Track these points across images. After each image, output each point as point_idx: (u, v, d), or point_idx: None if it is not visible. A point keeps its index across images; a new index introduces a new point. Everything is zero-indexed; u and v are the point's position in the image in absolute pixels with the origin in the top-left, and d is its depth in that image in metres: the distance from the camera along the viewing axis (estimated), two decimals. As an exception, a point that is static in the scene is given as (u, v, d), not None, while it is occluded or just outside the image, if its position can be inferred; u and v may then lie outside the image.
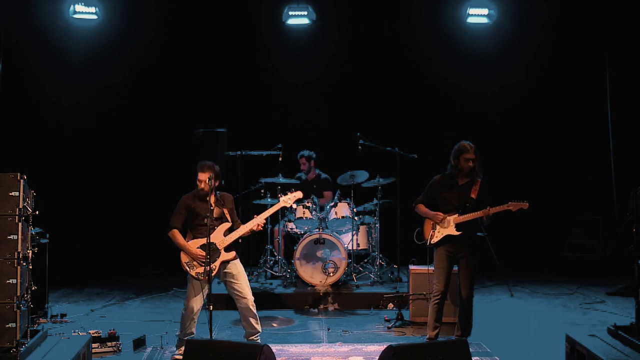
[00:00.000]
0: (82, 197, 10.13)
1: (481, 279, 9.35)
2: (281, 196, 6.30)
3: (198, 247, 5.87)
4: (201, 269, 5.83)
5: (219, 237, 5.90)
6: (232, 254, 5.94)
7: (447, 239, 6.06)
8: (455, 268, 6.20)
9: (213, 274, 5.82)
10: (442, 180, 6.17)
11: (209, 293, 5.61)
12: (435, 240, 6.10)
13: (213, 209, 5.81)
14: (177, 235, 5.96)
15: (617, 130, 9.75)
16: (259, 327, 6.06)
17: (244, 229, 5.91)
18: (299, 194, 6.16)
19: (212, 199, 5.82)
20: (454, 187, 6.11)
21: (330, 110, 10.35)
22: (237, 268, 5.97)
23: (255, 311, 6.01)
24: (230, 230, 5.97)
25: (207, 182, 5.81)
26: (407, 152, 8.65)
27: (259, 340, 5.99)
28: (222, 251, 5.89)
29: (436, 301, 6.12)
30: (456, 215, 6.03)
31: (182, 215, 6.00)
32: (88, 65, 9.91)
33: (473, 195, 6.03)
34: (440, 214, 6.08)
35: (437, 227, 6.11)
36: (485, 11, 9.88)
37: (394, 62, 10.37)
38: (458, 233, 6.00)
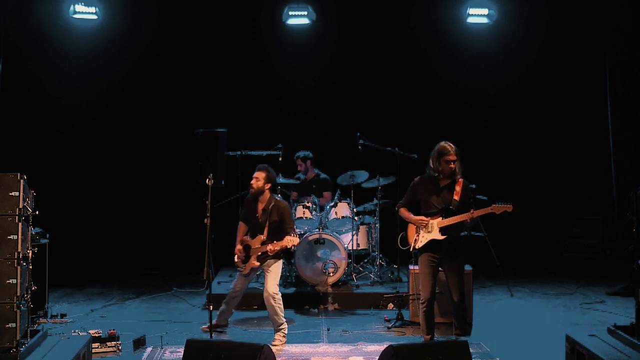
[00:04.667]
0: (82, 197, 10.12)
1: (481, 279, 9.35)
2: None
3: None
4: None
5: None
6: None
7: (432, 243, 5.93)
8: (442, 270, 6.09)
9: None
10: (423, 182, 6.05)
11: (209, 293, 5.63)
12: (419, 244, 5.97)
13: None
14: None
15: (617, 130, 9.74)
16: (278, 320, 6.55)
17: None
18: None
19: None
20: (436, 189, 5.98)
21: (330, 110, 10.34)
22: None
23: (273, 304, 6.51)
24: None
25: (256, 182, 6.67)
26: (407, 152, 8.65)
27: (283, 330, 6.54)
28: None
29: (424, 309, 6.00)
30: (440, 219, 5.91)
31: None
32: (88, 65, 9.91)
33: (456, 197, 5.89)
34: (425, 218, 5.95)
35: (421, 231, 5.98)
36: (485, 11, 9.89)
37: (394, 62, 10.36)
38: (443, 237, 5.88)
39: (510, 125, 10.36)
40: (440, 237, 5.89)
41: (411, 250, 6.10)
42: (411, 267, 7.47)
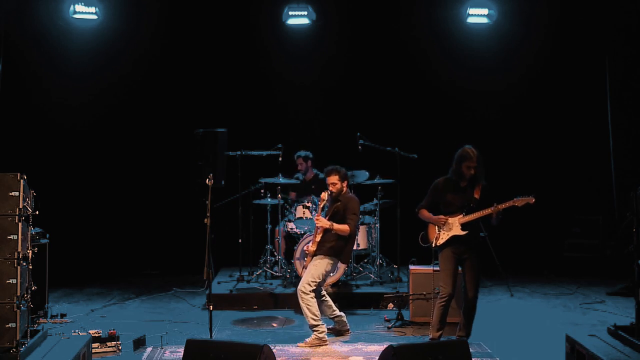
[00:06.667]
0: (82, 197, 10.12)
1: (481, 279, 9.32)
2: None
3: None
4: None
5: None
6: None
7: (453, 239, 6.06)
8: (460, 269, 6.19)
9: None
10: (445, 183, 6.19)
11: (209, 293, 5.62)
12: (441, 241, 6.10)
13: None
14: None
15: (617, 130, 9.74)
16: (308, 321, 6.44)
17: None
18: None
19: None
20: (456, 189, 6.12)
21: (330, 110, 10.34)
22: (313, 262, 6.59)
23: (300, 302, 6.44)
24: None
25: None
26: (407, 152, 8.65)
27: (320, 328, 6.41)
28: None
29: (443, 303, 6.09)
30: (461, 216, 6.03)
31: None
32: (88, 65, 9.91)
33: (476, 196, 6.04)
34: (443, 217, 6.09)
35: (442, 228, 6.12)
36: (485, 11, 9.88)
37: (394, 62, 10.36)
38: (464, 233, 6.01)
39: (510, 125, 10.36)
40: (461, 232, 6.01)
41: (433, 247, 6.18)
42: (411, 267, 7.48)
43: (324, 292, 6.78)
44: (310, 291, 6.43)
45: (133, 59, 10.03)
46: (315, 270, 6.50)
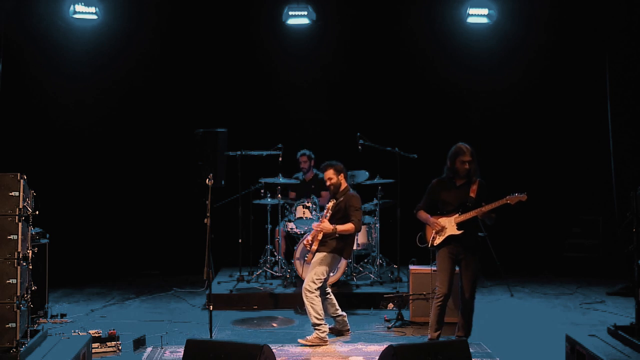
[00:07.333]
0: (82, 197, 10.12)
1: (481, 279, 9.34)
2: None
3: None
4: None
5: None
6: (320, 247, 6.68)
7: (450, 239, 6.07)
8: (457, 269, 6.21)
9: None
10: (440, 183, 6.19)
11: (209, 293, 5.63)
12: (438, 242, 6.11)
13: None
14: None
15: (617, 130, 9.74)
16: (310, 319, 6.47)
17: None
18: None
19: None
20: (452, 188, 6.12)
21: (331, 110, 10.34)
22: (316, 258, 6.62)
23: (304, 299, 6.50)
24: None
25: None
26: (407, 152, 8.65)
27: (322, 328, 6.43)
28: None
29: (439, 303, 6.10)
30: (457, 215, 6.04)
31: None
32: (88, 65, 9.91)
33: (472, 195, 6.04)
34: (439, 223, 6.06)
35: (438, 232, 6.11)
36: (485, 11, 9.88)
37: (394, 62, 10.37)
38: (459, 232, 6.01)
39: (510, 125, 10.36)
40: (457, 232, 6.01)
41: (429, 247, 6.19)
42: (411, 267, 7.48)
43: (329, 290, 6.78)
44: (315, 289, 6.43)
45: (133, 59, 10.02)
46: (318, 267, 6.51)
